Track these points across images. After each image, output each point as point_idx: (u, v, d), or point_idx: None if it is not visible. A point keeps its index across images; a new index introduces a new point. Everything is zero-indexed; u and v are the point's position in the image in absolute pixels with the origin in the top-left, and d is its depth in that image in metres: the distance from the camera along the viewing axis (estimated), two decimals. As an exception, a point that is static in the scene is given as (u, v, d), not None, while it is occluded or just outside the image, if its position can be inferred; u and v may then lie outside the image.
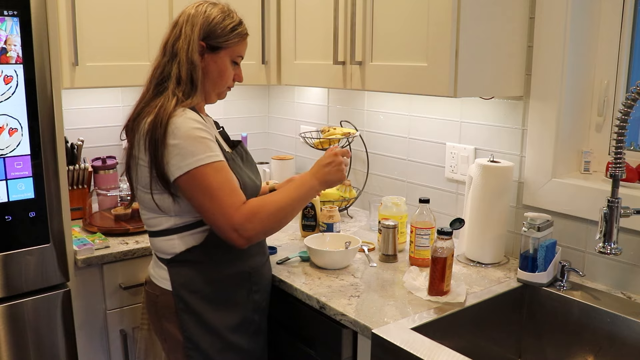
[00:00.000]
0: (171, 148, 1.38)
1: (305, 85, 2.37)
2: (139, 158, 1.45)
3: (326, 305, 1.50)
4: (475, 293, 1.57)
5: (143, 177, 1.46)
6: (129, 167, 1.51)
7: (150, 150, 1.40)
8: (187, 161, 1.38)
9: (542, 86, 1.71)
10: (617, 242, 1.43)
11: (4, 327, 1.70)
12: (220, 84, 1.56)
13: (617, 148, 1.37)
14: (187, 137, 1.39)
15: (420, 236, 1.75)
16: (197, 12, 1.49)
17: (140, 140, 1.44)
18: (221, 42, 1.51)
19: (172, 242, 1.50)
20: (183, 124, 1.39)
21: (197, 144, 1.39)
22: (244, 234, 1.40)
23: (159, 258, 1.54)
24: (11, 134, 1.65)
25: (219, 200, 1.39)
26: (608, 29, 1.70)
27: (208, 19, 1.49)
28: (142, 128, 1.43)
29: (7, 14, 1.60)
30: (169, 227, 1.49)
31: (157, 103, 1.44)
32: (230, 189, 1.41)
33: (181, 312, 1.50)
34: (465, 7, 1.52)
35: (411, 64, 1.65)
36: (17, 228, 1.69)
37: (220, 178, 1.40)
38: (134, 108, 1.52)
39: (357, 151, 2.40)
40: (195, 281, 1.51)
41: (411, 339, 1.30)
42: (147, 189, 1.46)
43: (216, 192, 1.39)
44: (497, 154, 1.85)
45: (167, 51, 1.50)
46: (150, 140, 1.40)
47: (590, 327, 1.51)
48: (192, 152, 1.38)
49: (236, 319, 1.55)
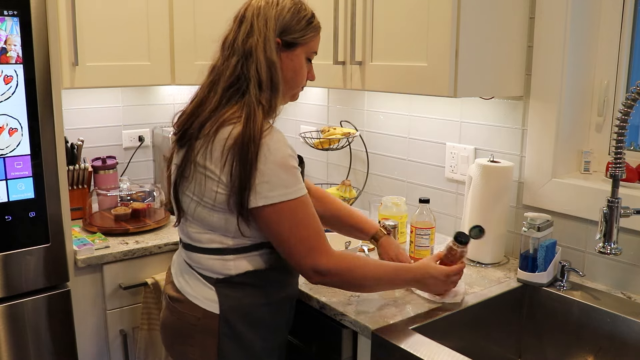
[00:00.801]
0: (259, 173, 1.24)
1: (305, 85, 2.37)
2: (206, 169, 1.28)
3: (326, 305, 1.50)
4: (475, 293, 1.57)
5: (209, 190, 1.30)
6: (182, 175, 1.34)
7: (236, 170, 1.24)
8: (277, 192, 1.25)
9: (542, 86, 1.71)
10: (617, 242, 1.43)
11: (4, 327, 1.70)
12: (295, 85, 1.42)
13: (617, 148, 1.37)
14: (280, 165, 1.25)
15: (420, 236, 1.75)
16: (267, 3, 1.33)
17: (215, 152, 1.26)
18: (297, 38, 1.37)
19: (227, 263, 1.36)
20: (277, 149, 1.25)
21: (289, 175, 1.27)
22: (325, 278, 1.33)
23: (204, 276, 1.37)
24: (11, 134, 1.65)
25: (306, 240, 1.29)
26: (608, 29, 1.70)
27: (282, 12, 1.34)
28: (225, 138, 1.26)
29: (7, 14, 1.60)
30: (225, 247, 1.35)
31: (237, 110, 1.28)
32: (318, 228, 1.32)
33: (223, 336, 1.35)
34: (465, 7, 1.52)
35: (411, 64, 1.65)
36: (17, 228, 1.69)
37: (308, 215, 1.30)
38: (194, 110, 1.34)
39: (357, 151, 2.40)
40: (245, 305, 1.37)
41: (411, 339, 1.30)
42: (210, 205, 1.31)
43: (304, 231, 1.29)
44: (497, 154, 1.85)
45: (236, 50, 1.32)
46: (239, 158, 1.23)
47: (590, 327, 1.51)
48: (283, 183, 1.26)
49: (276, 344, 1.46)
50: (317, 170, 2.63)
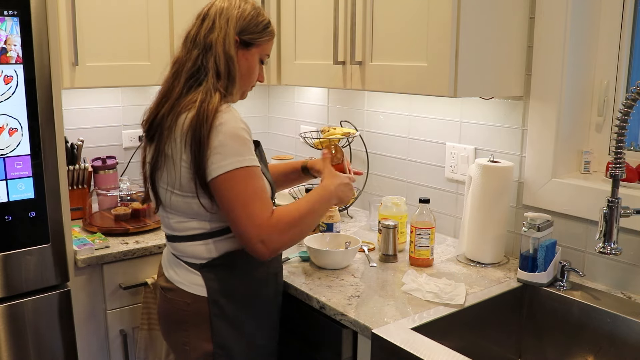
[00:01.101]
0: (212, 146, 1.32)
1: (305, 85, 2.37)
2: (174, 157, 1.37)
3: (326, 305, 1.50)
4: (475, 293, 1.57)
5: (179, 177, 1.38)
6: (156, 168, 1.42)
7: (193, 148, 1.32)
8: (229, 160, 1.33)
9: (542, 86, 1.71)
10: (617, 242, 1.43)
11: (4, 327, 1.70)
12: (247, 82, 1.52)
13: (617, 148, 1.37)
14: (232, 135, 1.33)
15: (420, 236, 1.75)
16: (230, 5, 1.44)
17: (177, 139, 1.36)
18: (254, 39, 1.47)
19: (208, 247, 1.45)
20: (229, 121, 1.34)
21: (241, 145, 1.34)
22: (270, 245, 1.36)
23: (189, 263, 1.47)
24: (11, 134, 1.65)
25: (252, 208, 1.34)
26: (608, 29, 1.70)
27: (243, 14, 1.45)
28: (182, 124, 1.35)
29: (7, 14, 1.60)
30: (204, 231, 1.44)
31: (195, 98, 1.37)
32: (265, 198, 1.37)
33: (215, 318, 1.44)
34: (465, 7, 1.52)
35: (411, 64, 1.65)
36: (17, 228, 1.69)
37: (257, 184, 1.36)
38: (158, 103, 1.44)
39: (357, 151, 2.40)
40: (230, 285, 1.46)
41: (411, 339, 1.30)
42: (182, 191, 1.39)
43: (251, 199, 1.34)
44: (497, 154, 1.85)
45: (197, 43, 1.42)
46: (193, 137, 1.32)
47: (590, 327, 1.51)
48: (235, 151, 1.33)
49: (269, 322, 1.55)
50: (317, 170, 2.63)
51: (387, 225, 1.80)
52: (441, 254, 1.88)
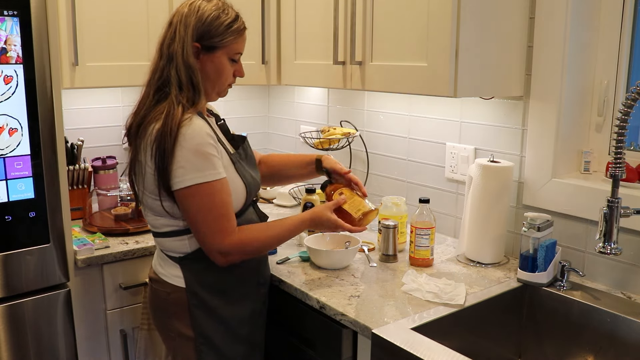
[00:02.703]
0: (175, 160, 1.37)
1: (305, 85, 2.37)
2: (145, 165, 1.43)
3: (326, 305, 1.50)
4: (475, 293, 1.57)
5: (149, 183, 1.44)
6: (134, 171, 1.49)
7: (157, 159, 1.38)
8: (189, 175, 1.38)
9: (542, 86, 1.71)
10: (617, 242, 1.43)
11: (4, 327, 1.70)
12: (220, 84, 1.52)
13: (617, 148, 1.37)
14: (194, 151, 1.38)
15: (420, 236, 1.75)
16: (190, 10, 1.44)
17: (147, 147, 1.41)
18: (216, 42, 1.46)
19: (183, 242, 1.51)
20: (191, 137, 1.38)
21: (202, 160, 1.39)
22: (229, 258, 1.45)
23: (170, 256, 1.54)
24: (11, 134, 1.65)
25: (212, 222, 1.41)
26: (608, 29, 1.70)
27: (201, 18, 1.43)
28: (149, 135, 1.41)
29: (7, 14, 1.60)
30: (178, 229, 1.50)
31: (162, 109, 1.41)
32: (225, 213, 1.43)
33: (194, 307, 1.51)
34: (465, 7, 1.52)
35: (411, 64, 1.65)
36: (17, 228, 1.69)
37: (218, 200, 1.41)
38: (135, 111, 1.50)
39: (357, 151, 2.40)
40: (208, 276, 1.52)
41: (411, 339, 1.30)
42: (154, 195, 1.45)
43: (211, 214, 1.41)
44: (497, 154, 1.85)
45: (163, 53, 1.46)
46: (158, 149, 1.38)
47: (590, 327, 1.51)
48: (196, 167, 1.38)
49: (247, 312, 1.58)
50: (317, 170, 2.63)
51: (387, 225, 1.80)
52: (441, 254, 1.88)
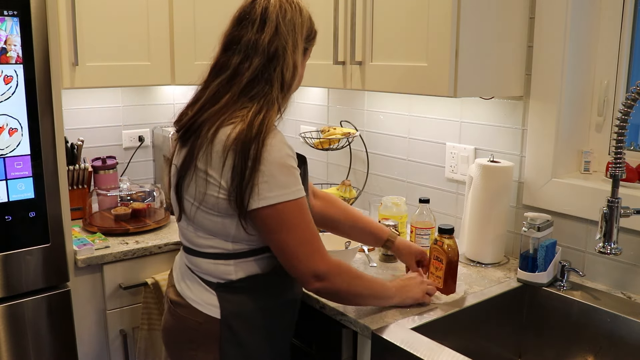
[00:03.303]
0: (260, 173, 1.21)
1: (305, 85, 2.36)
2: (207, 173, 1.25)
3: (326, 305, 1.50)
4: (475, 293, 1.57)
5: (209, 196, 1.26)
6: (183, 179, 1.30)
7: (237, 169, 1.20)
8: (275, 192, 1.22)
9: (542, 86, 1.71)
10: (617, 242, 1.42)
11: (4, 327, 1.70)
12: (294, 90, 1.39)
13: (617, 148, 1.37)
14: (279, 165, 1.22)
15: (420, 236, 1.75)
16: (291, 8, 1.31)
17: (216, 154, 1.23)
18: (310, 45, 1.38)
19: (227, 268, 1.33)
20: (277, 149, 1.22)
21: (287, 175, 1.23)
22: (326, 283, 1.28)
23: (205, 280, 1.36)
24: (11, 134, 1.65)
25: (307, 242, 1.26)
26: (608, 29, 1.70)
27: (305, 18, 1.33)
28: (224, 139, 1.23)
29: (7, 14, 1.60)
30: (225, 251, 1.33)
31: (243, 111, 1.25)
32: (316, 233, 1.29)
33: (225, 342, 1.33)
34: (465, 7, 1.52)
35: (411, 64, 1.65)
36: (17, 228, 1.69)
37: (308, 218, 1.27)
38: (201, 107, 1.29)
39: (357, 151, 2.40)
40: (247, 309, 1.35)
41: (411, 339, 1.30)
42: (208, 209, 1.28)
43: (304, 234, 1.26)
44: (497, 154, 1.85)
45: (260, 51, 1.27)
46: (242, 156, 1.20)
47: (590, 327, 1.51)
48: (282, 183, 1.22)
49: (278, 350, 1.44)
50: (317, 170, 2.63)
51: (387, 225, 1.80)
52: (441, 254, 1.88)
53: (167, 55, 2.15)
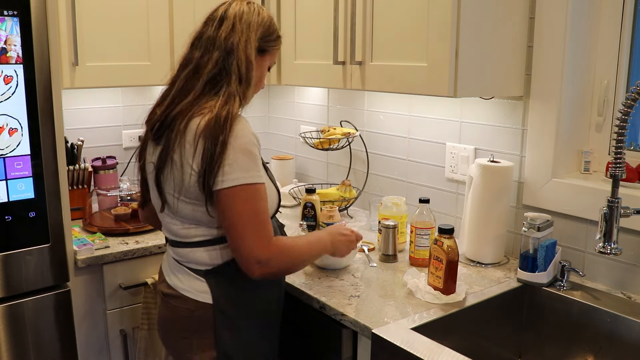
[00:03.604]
0: (225, 156, 1.29)
1: (305, 85, 2.37)
2: (182, 163, 1.33)
3: (326, 305, 1.50)
4: (475, 293, 1.57)
5: (189, 186, 1.33)
6: (162, 173, 1.37)
7: (207, 154, 1.28)
8: (236, 175, 1.29)
9: (542, 86, 1.71)
10: (617, 242, 1.43)
11: (4, 327, 1.70)
12: (256, 89, 1.49)
13: (617, 148, 1.37)
14: (242, 150, 1.30)
15: (420, 236, 1.75)
16: (249, 10, 1.42)
17: (186, 144, 1.31)
18: (269, 46, 1.47)
19: (214, 253, 1.40)
20: (243, 134, 1.31)
21: (248, 159, 1.31)
22: (267, 269, 1.33)
23: (194, 270, 1.42)
24: (11, 134, 1.65)
25: (255, 228, 1.31)
26: (608, 29, 1.70)
27: (263, 20, 1.44)
28: (194, 129, 1.31)
29: (7, 14, 1.60)
30: (210, 237, 1.40)
31: (211, 102, 1.34)
32: (267, 220, 1.34)
33: (219, 326, 1.40)
34: (465, 7, 1.52)
35: (411, 64, 1.65)
36: (17, 228, 1.69)
37: (261, 204, 1.33)
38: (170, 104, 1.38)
39: (357, 151, 2.40)
40: (235, 292, 1.42)
41: (411, 339, 1.30)
42: (188, 198, 1.35)
43: (254, 219, 1.31)
44: (497, 154, 1.85)
45: (217, 45, 1.38)
46: (211, 141, 1.28)
47: (590, 327, 1.51)
48: (241, 166, 1.29)
49: (270, 330, 1.52)
50: (317, 170, 2.63)
51: (387, 225, 1.80)
52: (441, 254, 1.88)
53: (167, 55, 2.15)
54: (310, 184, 2.43)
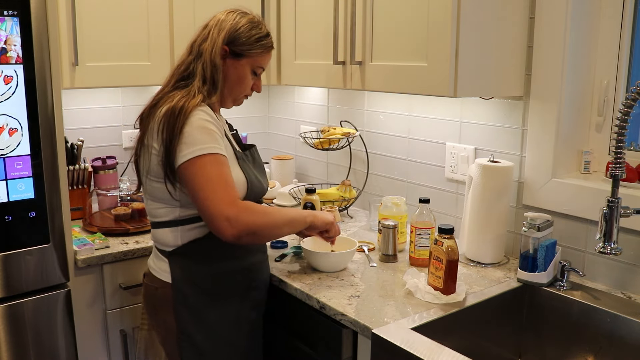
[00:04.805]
0: (182, 136, 1.42)
1: (305, 85, 2.37)
2: (151, 146, 1.48)
3: (326, 305, 1.50)
4: (475, 293, 1.57)
5: (153, 165, 1.48)
6: (138, 156, 1.54)
7: (164, 137, 1.42)
8: (191, 149, 1.41)
9: (542, 86, 1.71)
10: (617, 242, 1.43)
11: (4, 327, 1.70)
12: (238, 90, 1.61)
13: (617, 148, 1.37)
14: (197, 126, 1.42)
15: (420, 236, 1.75)
16: (227, 18, 1.56)
17: (153, 127, 1.47)
18: (244, 50, 1.56)
19: (175, 234, 1.53)
20: (198, 118, 1.44)
21: (204, 134, 1.43)
22: (236, 224, 1.38)
23: (160, 250, 1.57)
24: (11, 134, 1.65)
25: (214, 190, 1.39)
26: (608, 29, 1.70)
27: (235, 26, 1.55)
28: (158, 115, 1.46)
29: (7, 14, 1.60)
30: (173, 218, 1.52)
31: (176, 94, 1.49)
32: (227, 183, 1.42)
33: (178, 304, 1.53)
34: (465, 7, 1.52)
35: (411, 64, 1.65)
36: (17, 228, 1.69)
37: (219, 171, 1.42)
38: (151, 100, 1.56)
39: (357, 151, 2.40)
40: (195, 275, 1.54)
41: (411, 339, 1.30)
42: (156, 178, 1.49)
43: (212, 183, 1.40)
44: (497, 154, 1.85)
45: (193, 50, 1.55)
46: (167, 127, 1.42)
47: (590, 327, 1.51)
48: (197, 140, 1.41)
49: (232, 315, 1.58)
50: (317, 170, 2.63)
51: (387, 225, 1.80)
52: (441, 254, 1.88)
53: (167, 55, 2.15)
54: (310, 184, 2.43)
